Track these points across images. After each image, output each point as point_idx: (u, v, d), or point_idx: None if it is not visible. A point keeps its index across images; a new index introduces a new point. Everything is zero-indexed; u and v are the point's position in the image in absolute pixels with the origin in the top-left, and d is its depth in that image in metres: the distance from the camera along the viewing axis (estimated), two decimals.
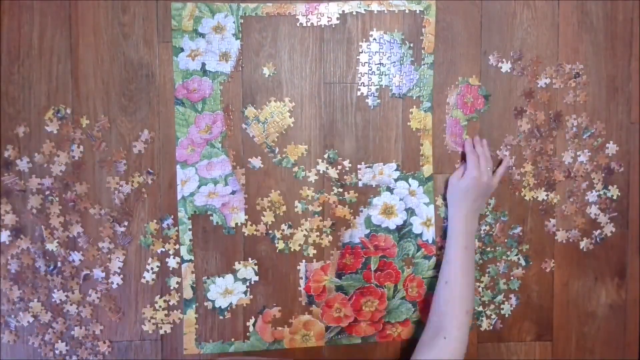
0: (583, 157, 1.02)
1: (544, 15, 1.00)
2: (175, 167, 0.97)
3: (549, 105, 1.01)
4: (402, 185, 1.00)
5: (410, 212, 1.00)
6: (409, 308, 1.01)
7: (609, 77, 1.02)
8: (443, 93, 1.00)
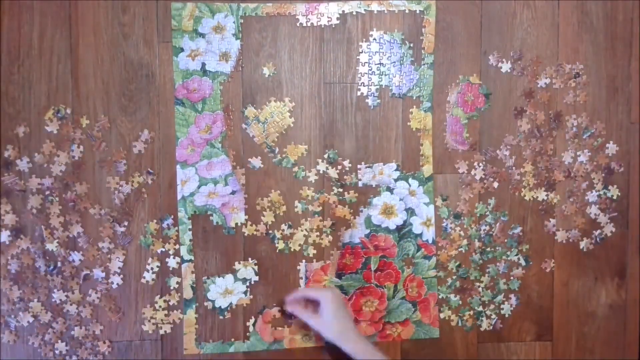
0: (583, 157, 1.02)
1: (544, 15, 1.00)
2: (175, 167, 0.97)
3: (549, 105, 1.01)
4: (402, 185, 1.00)
5: (410, 212, 1.00)
6: (409, 308, 1.01)
7: (609, 77, 1.01)
8: (443, 93, 1.00)
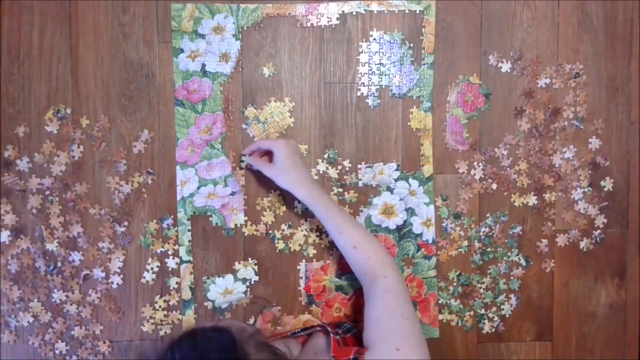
0: (569, 153, 1.01)
1: (544, 15, 1.00)
2: (175, 167, 0.97)
3: (549, 106, 1.01)
4: (402, 185, 1.00)
5: (410, 212, 1.00)
6: None
7: (609, 77, 1.01)
8: (443, 93, 1.00)
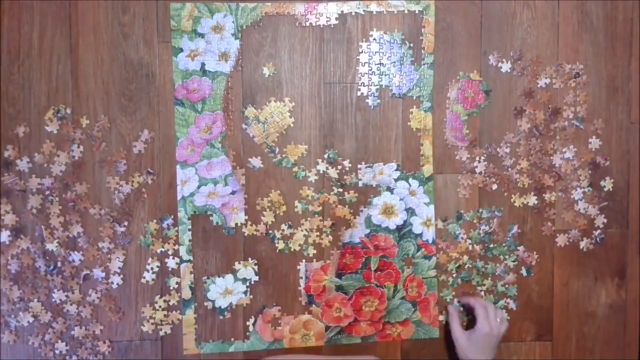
0: (569, 153, 1.01)
1: (544, 15, 1.00)
2: (175, 167, 0.97)
3: (549, 105, 1.01)
4: (402, 185, 1.00)
5: (411, 212, 1.00)
6: (409, 308, 1.01)
7: (609, 77, 1.01)
8: (443, 93, 1.00)
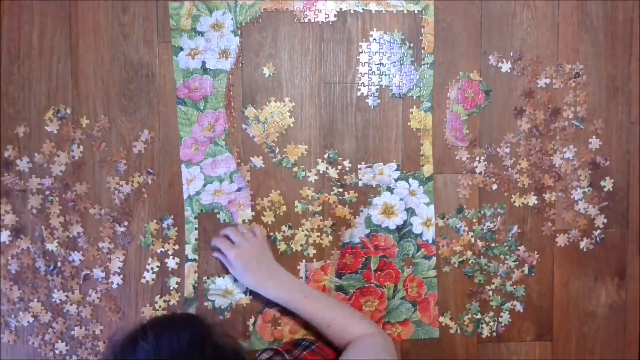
0: (569, 153, 1.01)
1: (544, 15, 1.00)
2: (175, 166, 0.97)
3: (549, 105, 1.01)
4: (402, 185, 1.00)
5: (411, 212, 1.00)
6: (409, 308, 1.01)
7: (609, 77, 1.01)
8: (443, 93, 1.00)
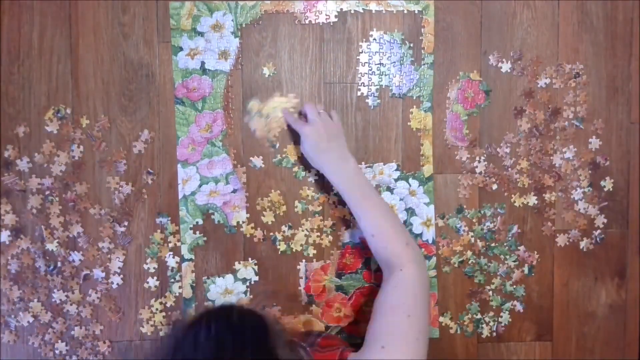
0: (569, 153, 1.01)
1: (544, 15, 1.00)
2: (175, 166, 0.97)
3: (549, 105, 1.01)
4: (402, 185, 1.00)
5: (411, 212, 1.00)
6: None
7: (609, 77, 1.01)
8: (443, 93, 1.00)
